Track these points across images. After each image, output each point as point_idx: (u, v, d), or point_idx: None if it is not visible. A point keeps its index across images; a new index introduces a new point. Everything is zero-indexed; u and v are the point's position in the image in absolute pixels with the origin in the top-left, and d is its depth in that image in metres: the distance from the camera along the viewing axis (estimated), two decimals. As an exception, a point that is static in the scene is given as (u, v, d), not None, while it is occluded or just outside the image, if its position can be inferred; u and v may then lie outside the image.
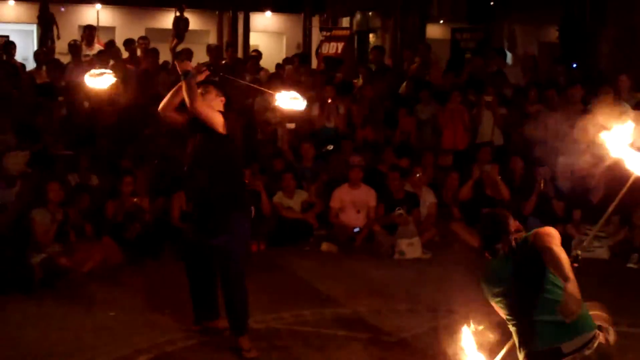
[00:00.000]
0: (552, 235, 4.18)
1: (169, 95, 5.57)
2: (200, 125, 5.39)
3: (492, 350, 4.40)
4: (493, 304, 4.30)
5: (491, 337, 4.43)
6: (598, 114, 9.49)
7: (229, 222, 5.43)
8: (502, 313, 4.26)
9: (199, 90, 5.40)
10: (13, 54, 11.89)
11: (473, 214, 8.87)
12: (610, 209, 4.49)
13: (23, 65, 11.92)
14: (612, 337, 4.09)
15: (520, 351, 4.13)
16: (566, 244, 8.60)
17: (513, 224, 4.34)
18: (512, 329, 4.20)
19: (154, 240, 8.11)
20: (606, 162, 8.89)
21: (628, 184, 4.40)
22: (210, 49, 12.48)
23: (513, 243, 4.27)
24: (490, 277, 4.31)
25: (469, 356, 4.37)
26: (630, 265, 8.32)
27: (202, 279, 5.73)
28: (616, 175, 8.98)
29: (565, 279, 3.96)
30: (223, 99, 5.57)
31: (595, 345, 3.99)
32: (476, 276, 5.95)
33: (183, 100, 5.40)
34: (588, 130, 9.51)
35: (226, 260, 5.48)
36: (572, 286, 3.96)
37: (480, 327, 4.46)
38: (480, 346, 4.34)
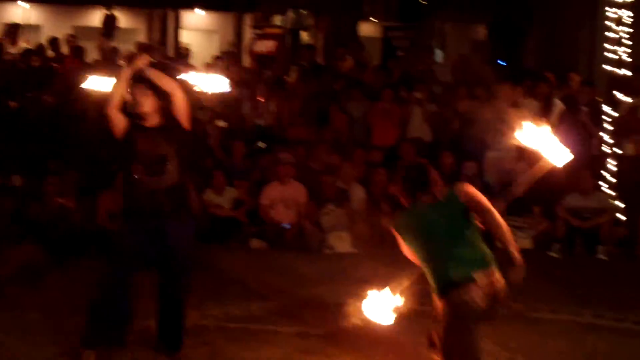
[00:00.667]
0: (483, 197, 4.59)
1: (116, 91, 5.15)
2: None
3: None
4: (409, 248, 4.66)
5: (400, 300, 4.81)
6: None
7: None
8: (419, 257, 4.61)
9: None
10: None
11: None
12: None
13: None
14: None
15: (436, 286, 4.51)
16: (489, 235, 8.78)
17: (435, 175, 4.72)
18: (427, 270, 4.57)
19: (80, 241, 7.98)
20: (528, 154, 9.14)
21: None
22: (139, 48, 12.35)
23: (438, 195, 4.63)
24: (410, 224, 4.65)
25: (378, 316, 4.79)
26: (552, 254, 8.56)
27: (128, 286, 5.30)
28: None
29: (509, 242, 4.56)
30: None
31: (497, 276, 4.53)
32: (404, 270, 6.08)
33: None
34: (515, 125, 9.76)
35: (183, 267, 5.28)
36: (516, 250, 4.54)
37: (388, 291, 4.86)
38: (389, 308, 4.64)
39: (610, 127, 9.60)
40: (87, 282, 7.02)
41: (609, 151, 9.38)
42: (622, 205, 9.19)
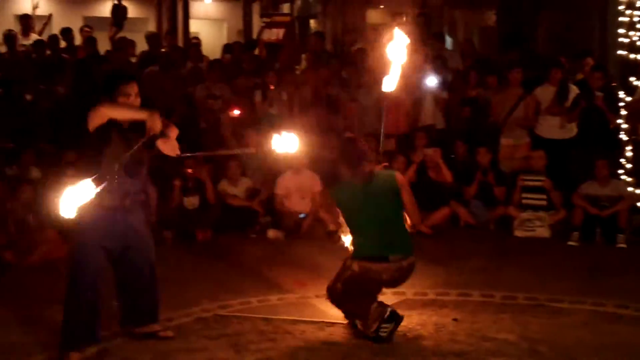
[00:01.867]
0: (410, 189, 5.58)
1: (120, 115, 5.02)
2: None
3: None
4: (340, 214, 5.50)
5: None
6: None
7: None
8: (347, 223, 5.47)
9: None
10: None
11: (416, 198, 8.97)
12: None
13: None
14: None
15: (356, 251, 5.45)
16: (508, 225, 8.84)
17: (371, 154, 5.49)
18: (353, 238, 5.48)
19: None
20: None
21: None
22: (148, 37, 12.33)
23: (373, 171, 5.46)
24: (343, 196, 5.47)
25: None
26: (571, 243, 8.54)
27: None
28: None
29: (417, 222, 5.72)
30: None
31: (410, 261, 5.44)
32: (420, 259, 6.10)
33: None
34: (529, 111, 9.78)
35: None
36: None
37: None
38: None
39: (625, 112, 9.55)
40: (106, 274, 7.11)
41: (626, 137, 9.33)
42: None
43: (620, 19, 9.65)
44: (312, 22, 17.94)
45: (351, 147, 5.58)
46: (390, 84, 5.74)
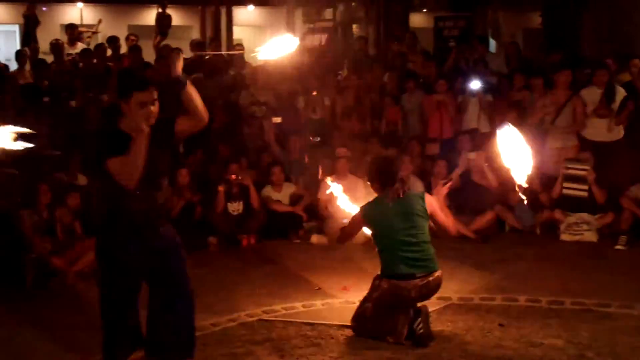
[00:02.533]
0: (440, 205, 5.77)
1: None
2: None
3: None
4: (369, 234, 5.73)
5: None
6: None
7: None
8: (376, 242, 5.65)
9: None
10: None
11: (461, 202, 8.94)
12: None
13: (6, 67, 11.86)
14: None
15: (384, 269, 5.59)
16: (554, 229, 8.72)
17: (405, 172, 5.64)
18: (381, 256, 5.61)
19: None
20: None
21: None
22: (192, 45, 12.45)
23: (401, 193, 5.58)
24: (374, 211, 5.64)
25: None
26: (619, 247, 8.39)
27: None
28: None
29: (455, 230, 6.22)
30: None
31: (435, 276, 5.55)
32: (465, 264, 6.05)
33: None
34: (576, 114, 9.67)
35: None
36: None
37: None
38: None
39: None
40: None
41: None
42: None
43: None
44: (354, 27, 17.97)
45: (384, 165, 5.78)
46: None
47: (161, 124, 4.45)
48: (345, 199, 6.34)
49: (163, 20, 15.48)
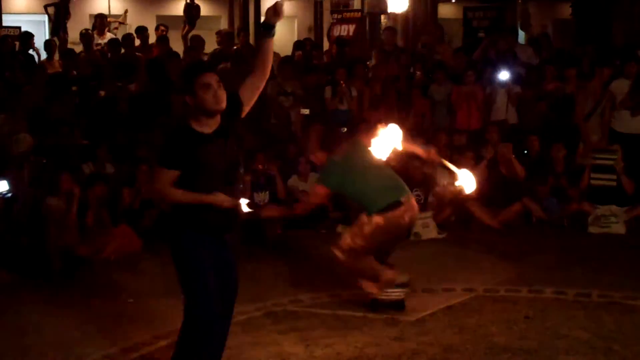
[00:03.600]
0: None
1: None
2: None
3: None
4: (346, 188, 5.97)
5: None
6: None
7: None
8: (355, 188, 5.89)
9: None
10: (31, 45, 11.96)
11: (489, 193, 8.89)
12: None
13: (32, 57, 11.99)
14: None
15: (372, 209, 5.75)
16: (582, 221, 8.62)
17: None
18: (363, 201, 5.87)
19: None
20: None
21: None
22: (220, 35, 12.45)
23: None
24: (335, 178, 5.93)
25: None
26: (648, 240, 8.32)
27: None
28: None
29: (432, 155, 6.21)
30: None
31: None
32: (491, 255, 6.02)
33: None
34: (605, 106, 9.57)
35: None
36: None
37: None
38: None
39: None
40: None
41: None
42: None
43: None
44: (382, 18, 17.87)
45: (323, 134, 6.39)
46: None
47: (228, 106, 4.17)
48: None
49: (192, 11, 15.50)
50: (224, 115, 4.18)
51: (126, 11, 15.24)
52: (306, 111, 10.41)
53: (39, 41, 13.19)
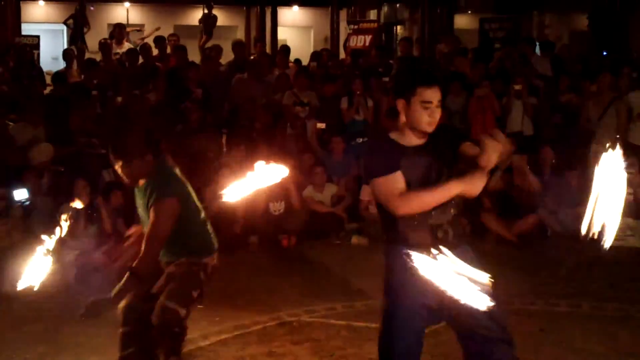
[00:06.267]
0: None
1: None
2: None
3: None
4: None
5: None
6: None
7: None
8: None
9: None
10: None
11: (504, 205, 8.88)
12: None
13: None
14: None
15: (195, 248, 4.62)
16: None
17: None
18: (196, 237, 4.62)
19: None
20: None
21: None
22: (234, 45, 12.51)
23: None
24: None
25: None
26: (663, 252, 8.29)
27: None
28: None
29: None
30: None
31: None
32: (506, 267, 6.01)
33: None
34: (620, 117, 9.56)
35: None
36: None
37: None
38: None
39: None
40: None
41: None
42: None
43: None
44: (398, 29, 17.93)
45: None
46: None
47: (447, 135, 3.81)
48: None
49: (209, 21, 15.61)
50: (442, 133, 3.80)
51: (158, 28, 15.03)
52: (322, 125, 10.44)
53: (58, 50, 13.33)
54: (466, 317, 3.72)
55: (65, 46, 15.06)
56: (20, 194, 8.11)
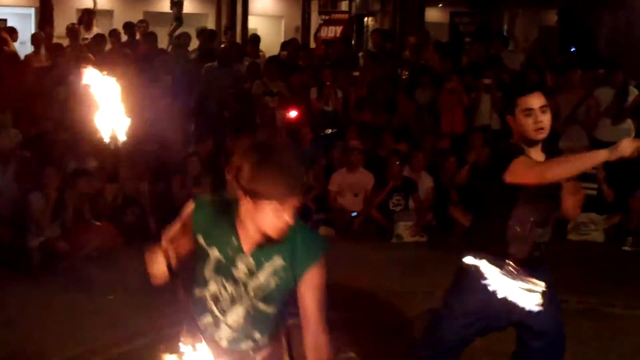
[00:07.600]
0: None
1: None
2: None
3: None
4: None
5: None
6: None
7: None
8: None
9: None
10: (14, 39, 11.90)
11: (469, 199, 8.93)
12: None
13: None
14: None
15: None
16: (562, 227, 8.67)
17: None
18: None
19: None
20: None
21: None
22: (199, 33, 12.40)
23: None
24: None
25: None
26: (625, 248, 8.39)
27: None
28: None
29: None
30: None
31: None
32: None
33: None
34: (591, 114, 9.64)
35: None
36: None
37: None
38: None
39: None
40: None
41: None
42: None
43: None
44: (369, 20, 17.92)
45: None
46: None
47: None
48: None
49: (177, 5, 15.36)
50: None
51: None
52: (294, 113, 10.42)
53: (26, 35, 13.14)
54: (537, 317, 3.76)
55: (34, 30, 14.84)
56: (-14, 180, 8.00)
